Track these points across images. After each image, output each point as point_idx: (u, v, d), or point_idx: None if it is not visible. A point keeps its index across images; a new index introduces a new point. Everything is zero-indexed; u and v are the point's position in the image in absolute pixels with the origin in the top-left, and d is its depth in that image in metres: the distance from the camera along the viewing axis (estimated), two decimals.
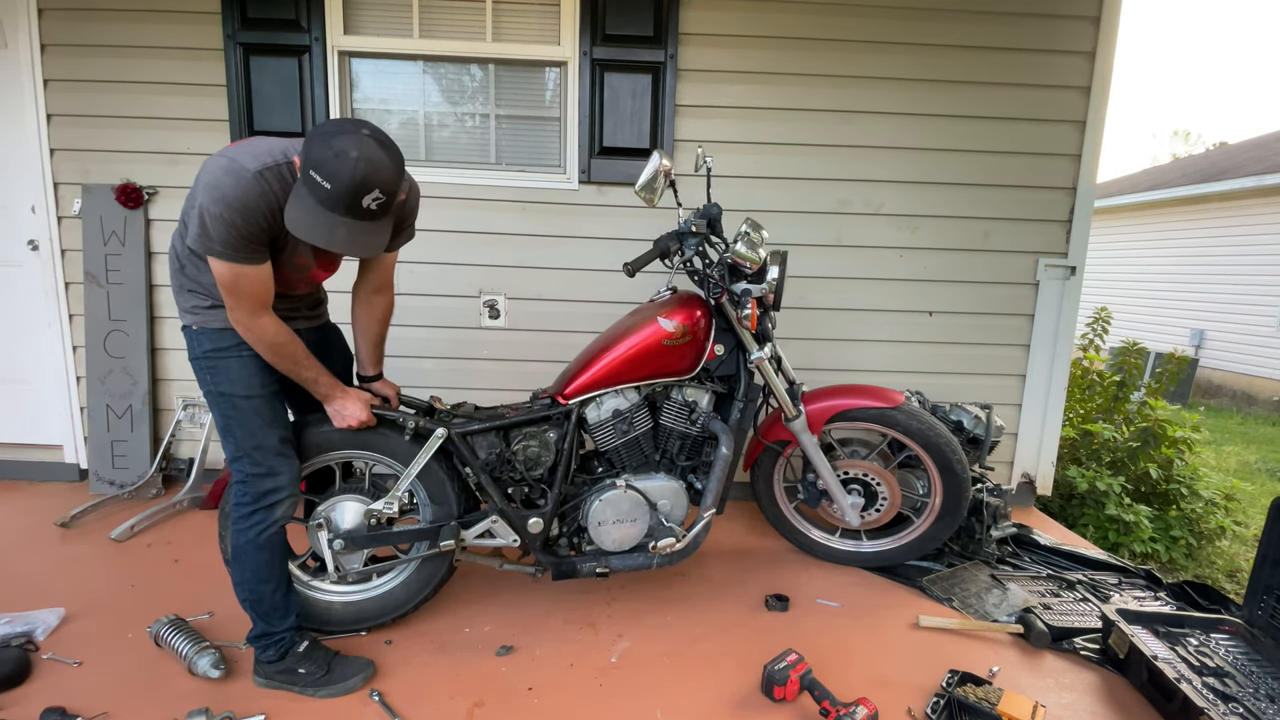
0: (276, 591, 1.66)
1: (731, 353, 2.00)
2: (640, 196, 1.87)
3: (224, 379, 1.57)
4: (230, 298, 1.47)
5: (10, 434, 2.96)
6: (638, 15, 2.65)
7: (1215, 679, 1.71)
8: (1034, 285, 2.92)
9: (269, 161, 1.43)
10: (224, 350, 1.56)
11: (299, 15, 2.63)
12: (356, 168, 1.32)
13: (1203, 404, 7.99)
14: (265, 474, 1.60)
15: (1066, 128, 2.81)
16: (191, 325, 1.58)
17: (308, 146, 1.36)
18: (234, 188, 1.38)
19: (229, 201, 1.37)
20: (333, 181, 1.33)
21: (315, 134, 1.36)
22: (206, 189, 1.38)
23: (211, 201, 1.37)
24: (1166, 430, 3.41)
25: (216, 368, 1.57)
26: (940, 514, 2.26)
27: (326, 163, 1.32)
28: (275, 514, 1.63)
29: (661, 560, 1.97)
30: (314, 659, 1.68)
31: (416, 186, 1.70)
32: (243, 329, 1.51)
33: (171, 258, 1.59)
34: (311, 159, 1.34)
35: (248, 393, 1.58)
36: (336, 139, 1.33)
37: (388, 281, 1.82)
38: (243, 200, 1.38)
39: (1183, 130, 32.60)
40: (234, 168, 1.40)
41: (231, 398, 1.58)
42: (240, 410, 1.58)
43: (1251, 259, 7.97)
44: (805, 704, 1.64)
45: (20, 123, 2.71)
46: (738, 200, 2.74)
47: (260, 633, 1.66)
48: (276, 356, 1.56)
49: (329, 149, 1.32)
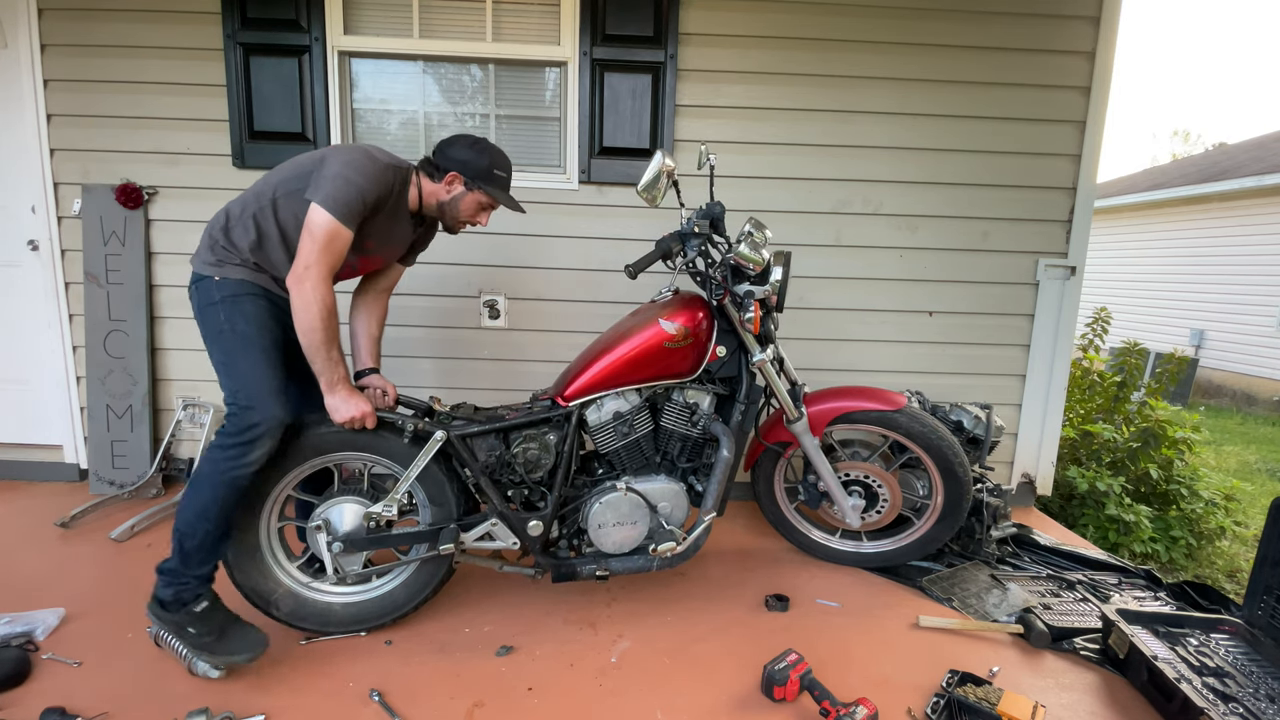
0: (209, 536, 1.64)
1: (733, 354, 1.99)
2: (642, 197, 1.86)
3: (239, 316, 1.68)
4: (316, 252, 1.61)
5: (10, 434, 2.97)
6: (638, 15, 2.65)
7: (1215, 679, 1.71)
8: (1034, 285, 2.92)
9: (396, 162, 1.77)
10: (242, 294, 1.70)
11: (299, 15, 2.63)
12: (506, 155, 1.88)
13: (1203, 404, 7.99)
14: (254, 408, 1.64)
15: (1066, 128, 2.81)
16: (214, 276, 1.70)
17: (473, 161, 1.80)
18: (370, 165, 1.67)
19: (365, 173, 1.65)
20: (509, 172, 1.86)
21: (468, 148, 1.81)
22: (345, 163, 1.65)
23: (347, 167, 1.64)
24: (1167, 430, 3.41)
25: (234, 305, 1.69)
26: (941, 516, 2.26)
27: (499, 157, 1.83)
28: (251, 453, 1.63)
29: (661, 563, 1.96)
30: (207, 622, 1.66)
31: (437, 226, 2.01)
32: (309, 287, 1.61)
33: (219, 217, 1.75)
34: (491, 164, 1.81)
35: (259, 331, 1.69)
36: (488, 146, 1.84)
37: (392, 286, 2.07)
38: (374, 176, 1.67)
39: (1183, 130, 32.64)
40: (372, 153, 1.70)
41: (244, 334, 1.68)
42: (247, 346, 1.68)
43: (1251, 259, 7.97)
44: (805, 704, 1.64)
45: (20, 123, 2.71)
46: (737, 200, 2.74)
47: (171, 567, 1.65)
48: (319, 325, 1.62)
49: (488, 152, 1.82)
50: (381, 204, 1.73)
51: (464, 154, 1.80)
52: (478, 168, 1.80)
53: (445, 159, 1.80)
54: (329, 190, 1.61)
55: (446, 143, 1.82)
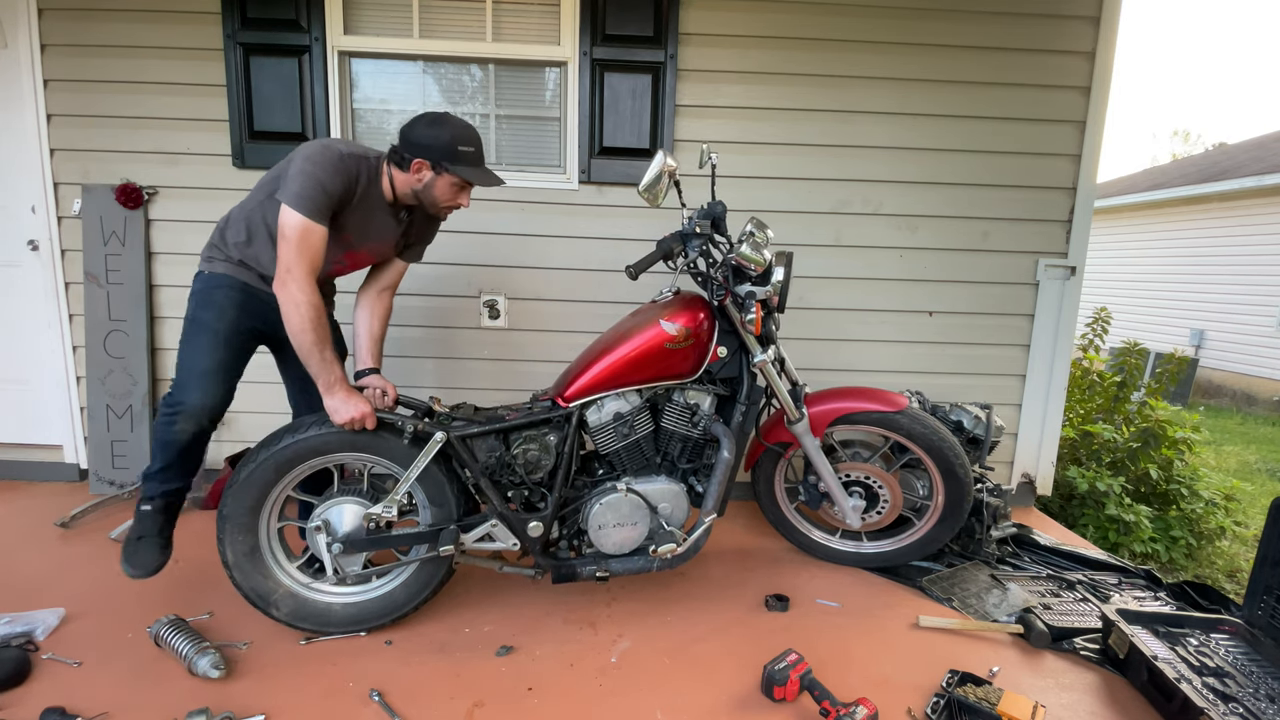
0: (153, 470, 1.86)
1: (734, 354, 1.99)
2: (644, 197, 1.85)
3: (204, 305, 1.83)
4: (292, 253, 1.63)
5: (10, 434, 2.96)
6: (638, 15, 2.65)
7: (1215, 679, 1.71)
8: (1034, 285, 2.92)
9: (356, 151, 1.75)
10: (216, 287, 1.83)
11: (299, 15, 2.63)
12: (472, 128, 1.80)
13: (1203, 404, 7.99)
14: (179, 389, 1.80)
15: (1066, 128, 2.81)
16: (204, 270, 1.86)
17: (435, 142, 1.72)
18: (325, 155, 1.67)
19: (321, 164, 1.65)
20: (476, 144, 1.78)
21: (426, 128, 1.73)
22: (305, 158, 1.66)
23: (306, 161, 1.65)
24: (1167, 430, 3.41)
25: (205, 296, 1.83)
26: (941, 517, 2.26)
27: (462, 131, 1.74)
28: (175, 425, 1.79)
29: (662, 564, 1.96)
30: (140, 524, 1.85)
31: (440, 218, 2.03)
32: (294, 289, 1.63)
33: (223, 219, 1.89)
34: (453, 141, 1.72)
35: (216, 318, 1.81)
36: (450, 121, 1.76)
37: (395, 284, 2.07)
38: (331, 166, 1.66)
39: (1183, 130, 32.63)
40: (331, 144, 1.70)
41: (200, 321, 1.82)
42: (197, 332, 1.81)
43: (1251, 259, 7.97)
44: (805, 704, 1.64)
45: (20, 123, 2.71)
46: (737, 200, 2.74)
47: (141, 476, 1.92)
48: (308, 326, 1.65)
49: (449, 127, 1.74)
50: (350, 194, 1.72)
51: (425, 137, 1.73)
52: (441, 149, 1.73)
53: (409, 145, 1.75)
54: (293, 188, 1.63)
55: (407, 127, 1.76)
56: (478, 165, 1.80)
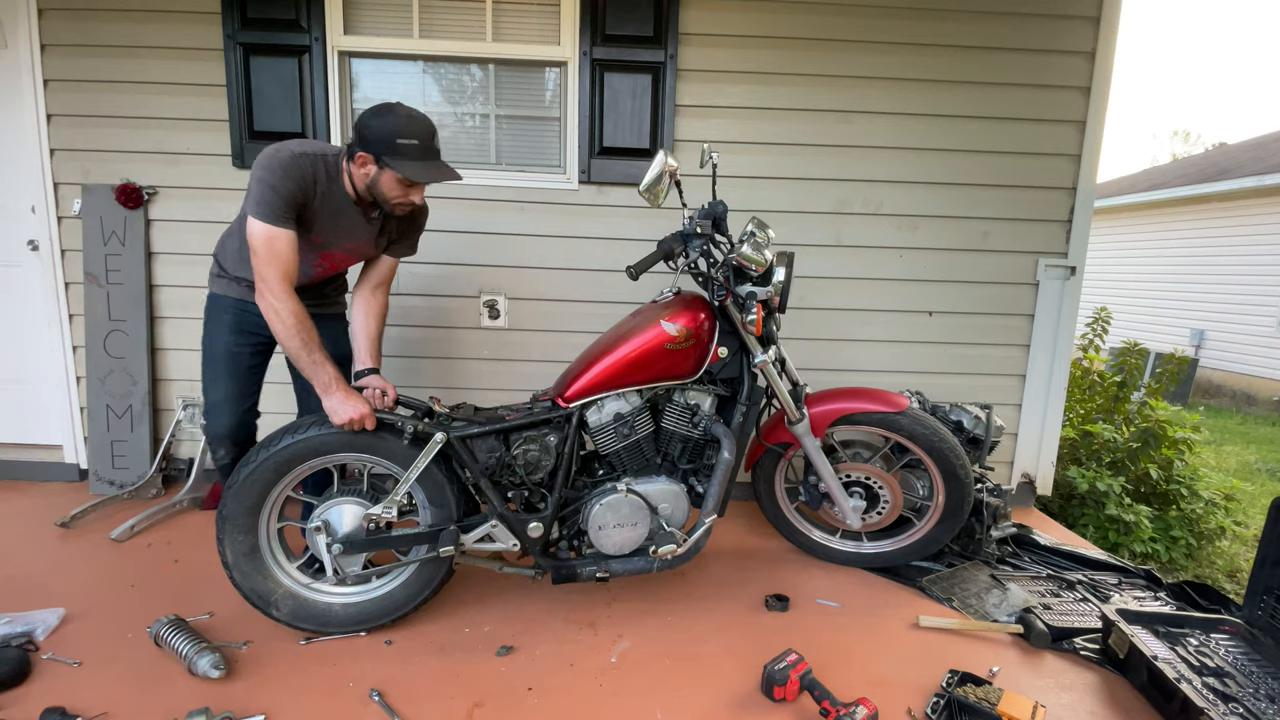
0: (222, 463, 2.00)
1: (735, 355, 1.99)
2: (644, 197, 1.85)
3: (208, 332, 1.95)
4: (262, 262, 1.63)
5: (10, 434, 2.97)
6: (638, 15, 2.65)
7: (1215, 679, 1.71)
8: (1034, 285, 2.92)
9: (310, 150, 1.71)
10: (217, 309, 1.94)
11: (299, 15, 2.63)
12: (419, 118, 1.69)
13: (1203, 404, 7.99)
14: (206, 415, 1.96)
15: (1066, 128, 2.81)
16: (209, 290, 1.96)
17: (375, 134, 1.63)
18: (274, 158, 1.65)
19: (270, 167, 1.64)
20: (422, 136, 1.66)
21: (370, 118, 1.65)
22: (257, 164, 1.65)
23: (259, 167, 1.65)
24: (1167, 431, 3.41)
25: (211, 321, 1.95)
26: (942, 517, 2.26)
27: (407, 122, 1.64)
28: (216, 453, 1.97)
29: (662, 564, 1.96)
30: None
31: (427, 207, 1.99)
32: (271, 298, 1.64)
33: (222, 236, 1.96)
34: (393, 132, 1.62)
35: (217, 348, 1.92)
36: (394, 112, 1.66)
37: (387, 280, 2.04)
38: (280, 167, 1.64)
39: (1183, 130, 32.64)
40: (281, 146, 1.69)
41: (208, 349, 1.94)
42: (210, 361, 1.94)
43: (1251, 259, 7.97)
44: (805, 704, 1.64)
45: (20, 123, 2.70)
46: (737, 200, 2.74)
47: None
48: (292, 332, 1.65)
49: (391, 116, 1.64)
50: (307, 193, 1.69)
51: (367, 128, 1.63)
52: (380, 142, 1.62)
53: (356, 138, 1.66)
54: (252, 198, 1.64)
55: (359, 117, 1.67)
56: (422, 159, 1.66)
